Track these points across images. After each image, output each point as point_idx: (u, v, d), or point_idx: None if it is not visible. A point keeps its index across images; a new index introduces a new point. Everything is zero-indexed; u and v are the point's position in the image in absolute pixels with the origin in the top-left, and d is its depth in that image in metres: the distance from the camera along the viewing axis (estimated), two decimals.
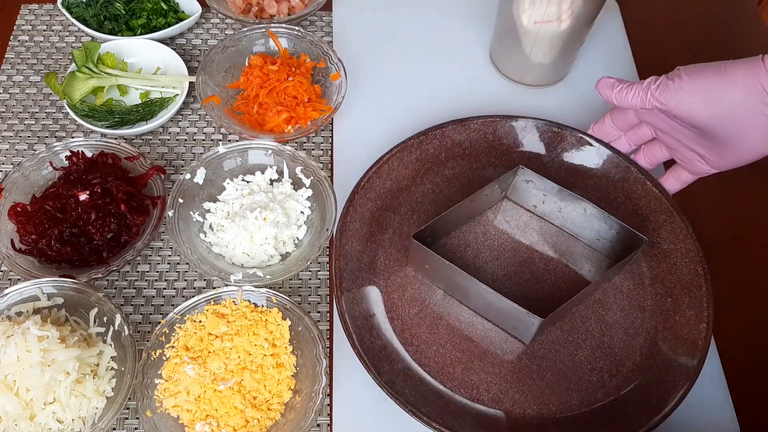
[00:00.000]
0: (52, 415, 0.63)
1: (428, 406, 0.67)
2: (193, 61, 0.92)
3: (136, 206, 0.75)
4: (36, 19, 0.96)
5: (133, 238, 0.75)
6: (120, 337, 0.68)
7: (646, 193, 0.79)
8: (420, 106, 0.89)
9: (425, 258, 0.71)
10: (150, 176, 0.78)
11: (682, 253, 0.75)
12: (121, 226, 0.74)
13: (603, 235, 0.75)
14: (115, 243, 0.74)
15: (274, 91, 0.84)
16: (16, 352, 0.62)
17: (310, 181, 0.78)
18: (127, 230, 0.75)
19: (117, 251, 0.74)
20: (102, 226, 0.73)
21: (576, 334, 0.72)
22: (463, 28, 0.98)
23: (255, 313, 0.70)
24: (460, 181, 0.82)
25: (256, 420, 0.66)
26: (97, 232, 0.73)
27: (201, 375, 0.66)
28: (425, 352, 0.71)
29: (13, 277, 0.76)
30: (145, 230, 0.75)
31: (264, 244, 0.74)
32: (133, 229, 0.75)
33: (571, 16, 0.79)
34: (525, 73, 0.90)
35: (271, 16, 0.94)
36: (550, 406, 0.69)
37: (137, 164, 0.79)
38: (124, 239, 0.74)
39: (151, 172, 0.78)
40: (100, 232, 0.73)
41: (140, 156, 0.79)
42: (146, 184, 0.78)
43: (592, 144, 0.82)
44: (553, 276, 0.76)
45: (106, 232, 0.73)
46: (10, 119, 0.87)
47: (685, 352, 0.70)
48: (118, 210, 0.74)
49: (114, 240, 0.74)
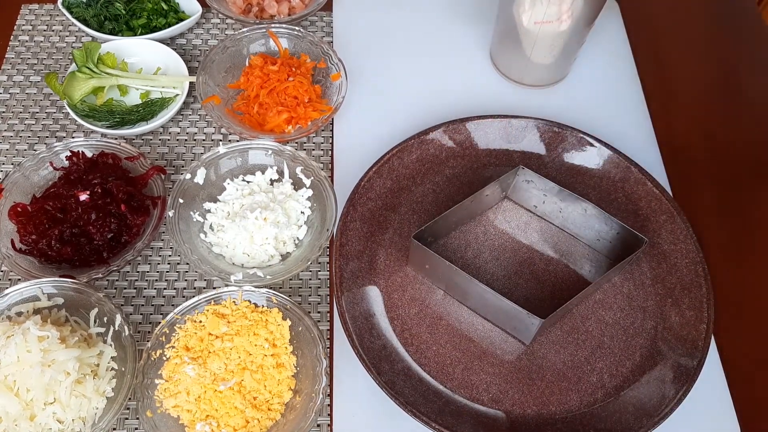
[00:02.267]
0: (53, 415, 0.63)
1: (428, 406, 0.67)
2: (193, 61, 0.92)
3: (137, 206, 0.75)
4: (36, 19, 0.96)
5: (133, 238, 0.75)
6: (120, 338, 0.68)
7: (647, 194, 0.79)
8: (420, 106, 0.89)
9: (425, 258, 0.71)
10: (150, 176, 0.78)
11: (682, 254, 0.75)
12: (121, 226, 0.74)
13: (603, 236, 0.75)
14: (116, 243, 0.74)
15: (275, 92, 0.84)
16: (17, 352, 0.63)
17: (310, 182, 0.78)
18: (127, 230, 0.75)
19: (117, 251, 0.74)
20: (102, 226, 0.73)
21: (576, 334, 0.72)
22: (463, 28, 0.98)
23: (255, 314, 0.70)
24: (460, 181, 0.82)
25: (256, 420, 0.66)
26: (97, 232, 0.73)
27: (201, 375, 0.66)
28: (425, 352, 0.71)
29: (13, 277, 0.76)
30: (146, 230, 0.75)
31: (264, 244, 0.75)
32: (134, 229, 0.75)
33: (571, 17, 0.79)
34: (525, 73, 0.90)
35: (271, 17, 0.94)
36: (550, 406, 0.69)
37: (137, 164, 0.79)
38: (124, 239, 0.74)
39: (151, 172, 0.78)
40: (100, 232, 0.73)
41: (140, 156, 0.79)
42: (146, 184, 0.78)
43: (592, 144, 0.82)
44: (554, 276, 0.76)
45: (106, 232, 0.73)
46: (10, 119, 0.87)
47: (685, 352, 0.70)
48: (119, 210, 0.74)
49: (114, 240, 0.74)
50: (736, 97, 0.95)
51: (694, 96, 0.94)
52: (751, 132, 0.91)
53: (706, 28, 1.01)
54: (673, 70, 0.96)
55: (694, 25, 1.01)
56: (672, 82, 0.94)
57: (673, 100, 0.93)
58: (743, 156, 0.89)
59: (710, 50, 0.98)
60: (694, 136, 0.90)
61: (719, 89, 0.95)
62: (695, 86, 0.95)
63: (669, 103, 0.92)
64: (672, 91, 0.94)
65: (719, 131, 0.90)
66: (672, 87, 0.94)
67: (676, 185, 0.84)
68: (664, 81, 0.94)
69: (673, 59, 0.97)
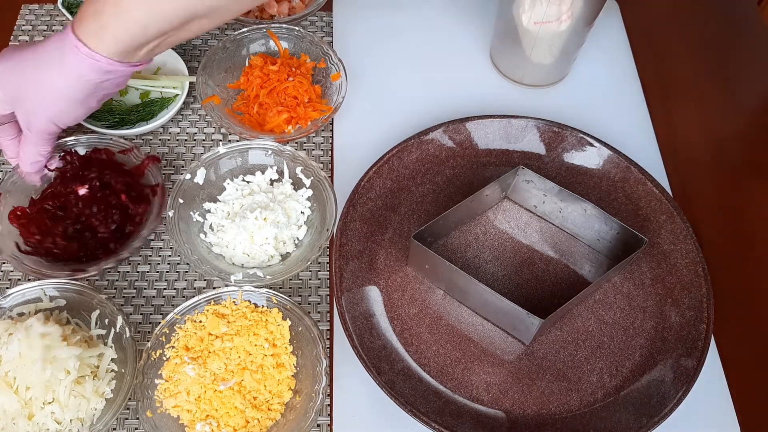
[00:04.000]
0: (51, 414, 0.63)
1: (428, 406, 0.67)
2: (193, 61, 0.92)
3: (136, 196, 0.75)
4: (36, 19, 0.96)
5: (136, 227, 0.75)
6: (121, 339, 0.68)
7: (647, 194, 0.79)
8: (420, 106, 0.89)
9: (425, 258, 0.71)
10: (146, 166, 0.78)
11: (682, 254, 0.75)
12: (123, 216, 0.74)
13: (603, 236, 0.75)
14: (120, 235, 0.74)
15: (275, 92, 0.84)
16: (19, 349, 0.63)
17: (310, 182, 0.78)
18: (130, 220, 0.75)
19: (123, 242, 0.74)
20: (105, 217, 0.73)
21: (576, 334, 0.72)
22: (463, 28, 0.98)
23: (255, 314, 0.70)
24: (460, 181, 0.82)
25: (256, 420, 0.66)
26: (101, 224, 0.73)
27: (201, 375, 0.66)
28: (425, 352, 0.71)
29: (13, 278, 0.76)
30: (148, 218, 0.75)
31: (264, 244, 0.74)
32: (136, 218, 0.75)
33: (571, 17, 0.79)
34: (525, 73, 0.90)
35: (271, 17, 0.94)
36: (550, 406, 0.69)
37: (131, 156, 0.79)
38: (128, 229, 0.74)
39: (146, 162, 0.78)
40: (104, 223, 0.73)
41: (134, 149, 0.79)
42: (143, 174, 0.78)
43: (592, 144, 0.82)
44: (554, 276, 0.76)
45: (110, 222, 0.73)
46: None
47: (685, 352, 0.70)
48: (119, 200, 0.74)
49: (118, 231, 0.74)
50: (736, 97, 0.95)
51: (694, 96, 0.94)
52: (751, 132, 0.91)
53: (706, 28, 1.01)
54: (673, 70, 0.96)
55: (694, 25, 1.01)
56: (672, 82, 0.94)
57: (673, 100, 0.93)
58: (743, 156, 0.89)
59: (710, 50, 0.98)
60: (694, 136, 0.90)
61: (719, 89, 0.95)
62: (695, 86, 0.95)
63: (669, 103, 0.92)
64: (672, 91, 0.94)
65: (719, 131, 0.90)
66: (672, 87, 0.94)
67: (676, 185, 0.84)
68: (664, 81, 0.94)
69: (673, 59, 0.97)
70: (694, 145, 0.89)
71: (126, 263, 0.77)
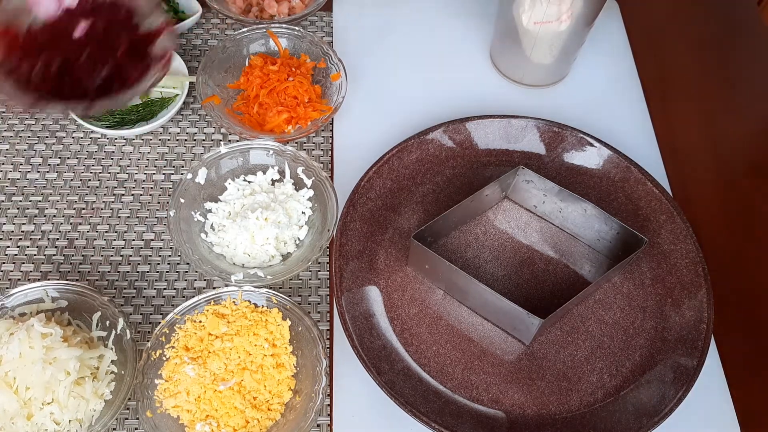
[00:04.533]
0: (50, 415, 0.63)
1: (428, 406, 0.67)
2: (193, 61, 0.92)
3: (137, 59, 0.68)
4: None
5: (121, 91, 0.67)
6: (121, 341, 0.68)
7: (647, 194, 0.79)
8: (420, 106, 0.89)
9: (425, 258, 0.71)
10: (161, 32, 0.69)
11: (682, 254, 0.75)
12: (114, 74, 0.67)
13: (603, 236, 0.75)
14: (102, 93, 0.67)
15: (275, 92, 0.84)
16: (19, 348, 0.63)
17: (311, 182, 0.78)
18: (119, 80, 0.67)
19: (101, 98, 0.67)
20: (93, 68, 0.66)
21: (576, 334, 0.73)
22: (463, 28, 0.98)
23: (255, 314, 0.70)
24: (460, 181, 0.82)
25: (256, 420, 0.66)
26: (86, 75, 0.66)
27: (201, 375, 0.66)
28: (425, 352, 0.71)
29: (13, 278, 0.76)
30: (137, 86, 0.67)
31: (265, 244, 0.75)
32: (128, 82, 0.68)
33: (570, 17, 0.79)
34: (525, 73, 0.90)
35: (271, 17, 0.94)
36: (550, 406, 0.69)
37: None
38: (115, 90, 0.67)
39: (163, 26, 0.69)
40: (89, 74, 0.66)
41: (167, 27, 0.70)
42: (154, 42, 0.69)
43: (592, 144, 0.82)
44: (554, 276, 0.76)
45: (96, 75, 0.66)
46: (10, 119, 0.87)
47: (685, 352, 0.70)
48: (115, 57, 0.67)
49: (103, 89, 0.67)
50: (737, 96, 0.95)
51: (694, 96, 0.94)
52: (751, 132, 0.91)
53: (706, 28, 1.01)
54: (673, 70, 0.96)
55: (694, 25, 1.01)
56: (672, 82, 0.95)
57: (673, 100, 0.93)
58: (743, 156, 0.89)
59: (710, 50, 0.98)
60: (694, 136, 0.90)
61: (719, 89, 0.95)
62: (695, 86, 0.95)
63: (669, 103, 0.92)
64: (672, 91, 0.94)
65: (719, 131, 0.90)
66: (672, 87, 0.94)
67: (676, 185, 0.84)
68: (664, 81, 0.94)
69: (673, 59, 0.97)
70: (694, 145, 0.89)
71: (126, 263, 0.77)
